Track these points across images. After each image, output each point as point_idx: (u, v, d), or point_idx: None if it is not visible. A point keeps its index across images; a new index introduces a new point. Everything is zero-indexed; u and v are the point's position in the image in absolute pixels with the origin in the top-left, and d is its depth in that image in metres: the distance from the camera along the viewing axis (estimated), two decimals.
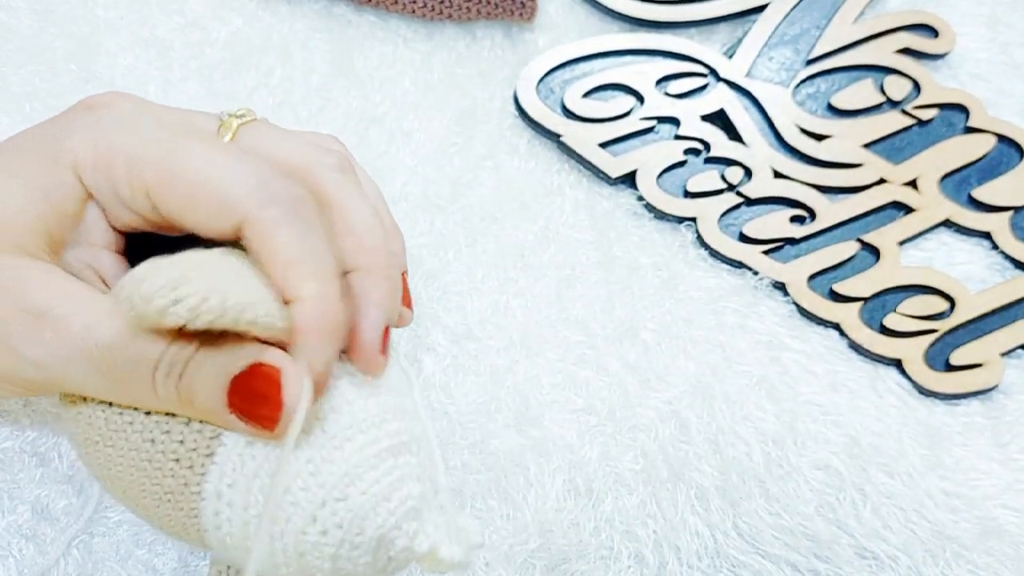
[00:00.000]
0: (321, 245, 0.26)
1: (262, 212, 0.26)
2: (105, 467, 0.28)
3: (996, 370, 0.41)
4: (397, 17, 0.48)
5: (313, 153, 0.29)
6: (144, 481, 0.27)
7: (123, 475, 0.27)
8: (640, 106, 0.47)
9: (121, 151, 0.27)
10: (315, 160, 0.29)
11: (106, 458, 0.27)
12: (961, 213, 0.45)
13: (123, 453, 0.27)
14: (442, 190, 0.44)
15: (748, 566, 0.37)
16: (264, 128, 0.31)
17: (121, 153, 0.27)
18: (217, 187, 0.26)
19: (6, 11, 0.46)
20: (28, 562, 0.34)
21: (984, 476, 0.39)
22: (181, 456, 0.26)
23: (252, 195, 0.26)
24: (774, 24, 0.49)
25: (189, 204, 0.26)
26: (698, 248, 0.44)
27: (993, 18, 0.51)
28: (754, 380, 0.41)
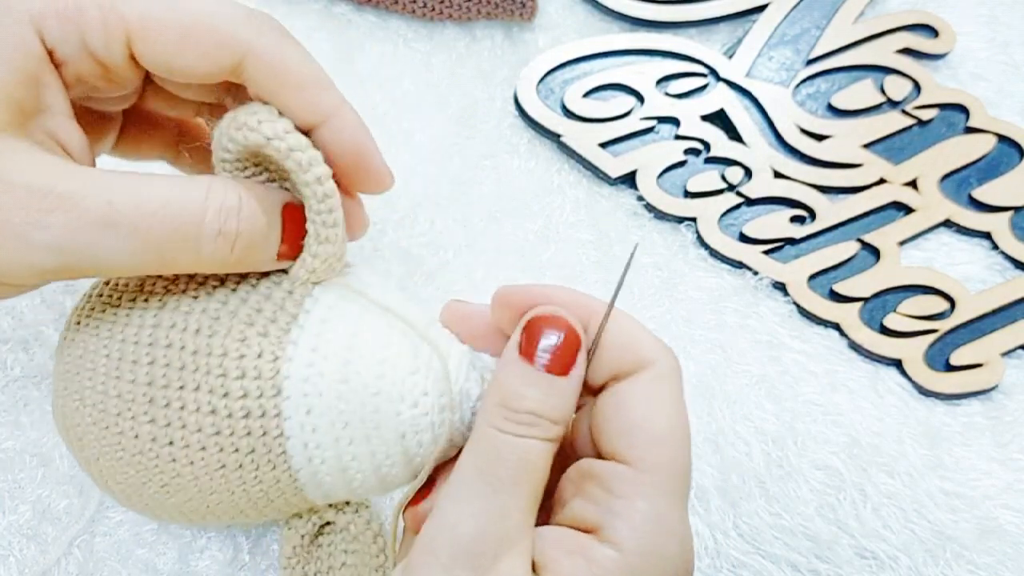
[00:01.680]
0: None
1: (262, 39, 0.26)
2: (166, 473, 0.27)
3: (996, 370, 0.41)
4: (397, 17, 0.48)
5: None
6: (216, 457, 0.27)
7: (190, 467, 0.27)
8: (640, 106, 0.47)
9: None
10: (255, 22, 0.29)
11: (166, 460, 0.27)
12: (961, 213, 0.45)
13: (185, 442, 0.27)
14: (442, 190, 0.44)
15: (748, 566, 0.37)
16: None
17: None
18: (212, 22, 0.25)
19: None
20: (29, 562, 0.34)
21: (984, 476, 0.39)
22: (251, 408, 0.26)
23: (248, 25, 0.26)
24: (774, 24, 0.49)
25: (179, 45, 0.25)
26: (698, 248, 0.44)
27: (993, 18, 0.51)
28: (754, 380, 0.41)
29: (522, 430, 0.25)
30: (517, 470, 0.25)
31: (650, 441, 0.25)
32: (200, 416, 0.26)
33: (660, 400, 0.26)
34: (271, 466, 0.27)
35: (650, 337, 0.26)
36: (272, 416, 0.26)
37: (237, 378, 0.26)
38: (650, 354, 0.26)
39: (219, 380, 0.26)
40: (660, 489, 0.25)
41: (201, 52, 0.26)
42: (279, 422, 0.26)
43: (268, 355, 0.26)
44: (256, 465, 0.27)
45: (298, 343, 0.27)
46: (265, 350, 0.26)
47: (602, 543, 0.24)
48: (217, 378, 0.26)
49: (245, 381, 0.26)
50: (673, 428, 0.25)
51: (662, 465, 0.25)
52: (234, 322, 0.27)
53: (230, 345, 0.26)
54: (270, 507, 0.29)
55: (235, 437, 0.26)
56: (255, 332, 0.27)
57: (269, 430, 0.26)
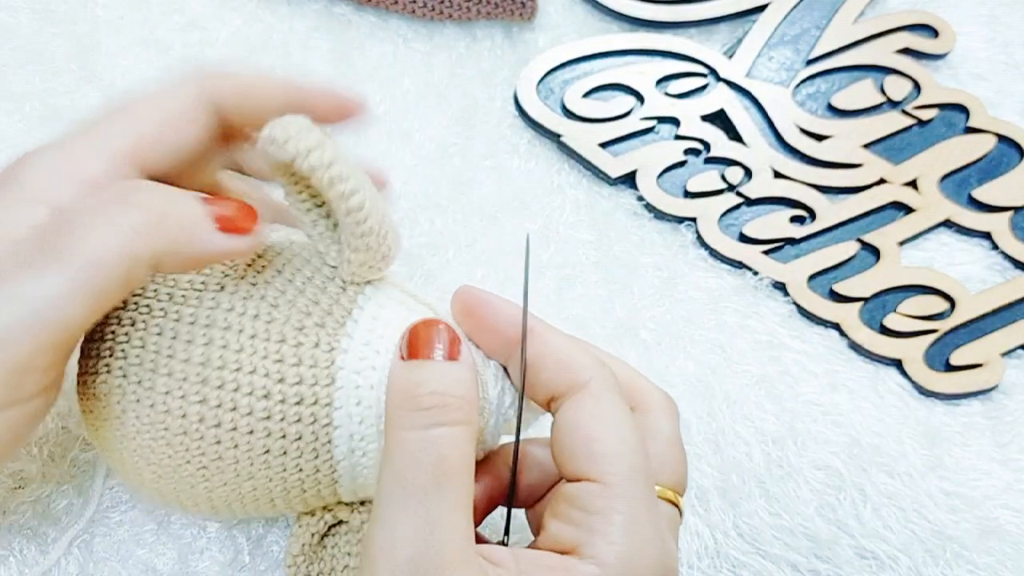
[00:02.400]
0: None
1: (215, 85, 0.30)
2: (207, 455, 0.27)
3: (996, 370, 0.41)
4: (397, 17, 0.48)
5: None
6: (264, 442, 0.27)
7: (233, 451, 0.27)
8: (640, 106, 0.47)
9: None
10: None
11: (210, 442, 0.27)
12: (961, 213, 0.45)
13: (234, 424, 0.26)
14: (442, 190, 0.44)
15: (748, 566, 0.37)
16: None
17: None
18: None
19: (6, 11, 0.46)
20: (29, 562, 0.34)
21: (984, 476, 0.39)
22: (304, 395, 0.27)
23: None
24: (774, 24, 0.49)
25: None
26: (698, 248, 0.44)
27: (993, 18, 0.51)
28: (754, 380, 0.41)
29: (430, 417, 0.25)
30: (436, 471, 0.24)
31: (608, 456, 0.25)
32: (253, 399, 0.26)
33: (603, 416, 0.26)
34: (314, 454, 0.27)
35: (581, 354, 0.27)
36: (324, 404, 0.27)
37: (294, 364, 0.27)
38: (584, 373, 0.27)
39: (276, 365, 0.27)
40: (631, 498, 0.25)
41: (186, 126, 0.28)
42: (329, 411, 0.27)
43: (325, 345, 0.27)
44: (300, 452, 0.27)
45: (353, 336, 0.27)
46: (322, 340, 0.27)
47: (582, 560, 0.24)
48: (274, 363, 0.27)
49: (301, 368, 0.27)
50: (624, 439, 0.26)
51: (626, 474, 0.25)
52: (292, 311, 0.27)
53: (288, 332, 0.27)
54: (299, 498, 0.29)
55: (285, 423, 0.27)
56: (313, 322, 0.27)
57: (319, 418, 0.27)
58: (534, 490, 0.30)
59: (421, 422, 0.25)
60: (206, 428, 0.27)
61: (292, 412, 0.27)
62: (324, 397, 0.27)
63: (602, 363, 0.27)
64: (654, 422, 0.29)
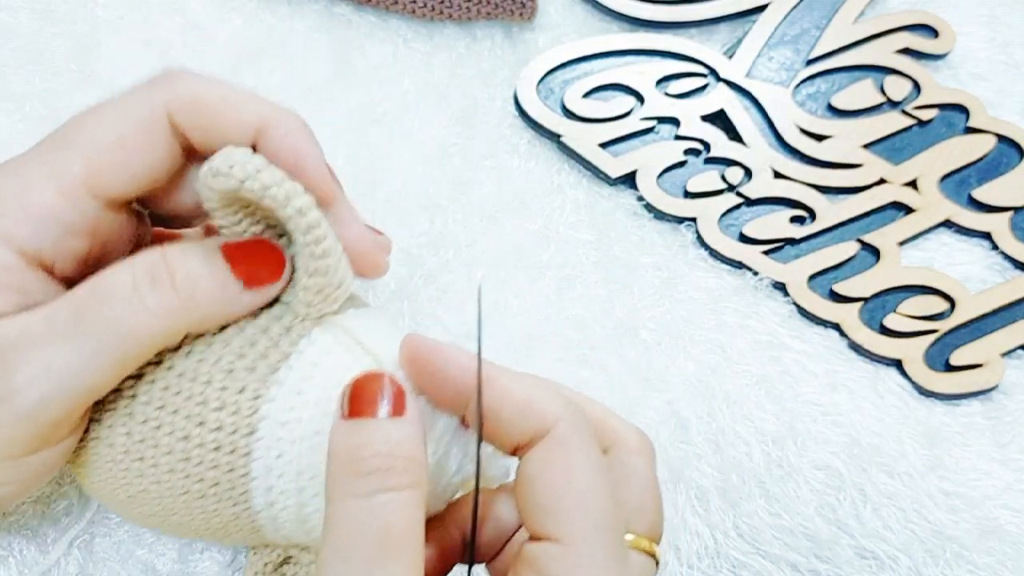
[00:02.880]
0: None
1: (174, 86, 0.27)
2: (131, 485, 0.27)
3: (996, 370, 0.41)
4: (397, 17, 0.48)
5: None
6: (182, 483, 0.26)
7: (156, 486, 0.27)
8: (640, 106, 0.47)
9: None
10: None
11: (131, 475, 0.27)
12: (961, 213, 0.45)
13: (155, 462, 0.26)
14: (442, 190, 0.44)
15: (748, 566, 0.37)
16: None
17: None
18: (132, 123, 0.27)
19: (6, 11, 0.46)
20: (29, 562, 0.34)
21: (984, 476, 0.39)
22: (222, 443, 0.26)
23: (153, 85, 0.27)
24: (774, 24, 0.49)
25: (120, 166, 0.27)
26: (698, 248, 0.44)
27: (993, 18, 0.51)
28: (754, 380, 0.41)
29: (373, 482, 0.23)
30: (381, 542, 0.22)
31: (569, 512, 0.23)
32: (173, 439, 0.26)
33: (566, 467, 0.24)
34: (232, 502, 0.27)
35: (544, 397, 0.25)
36: (242, 454, 0.26)
37: (215, 409, 0.26)
38: (547, 418, 0.24)
39: (198, 407, 0.26)
40: (594, 561, 0.23)
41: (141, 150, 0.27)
42: (247, 461, 0.26)
43: (250, 392, 0.26)
44: (218, 499, 0.27)
45: (284, 384, 0.26)
46: (248, 386, 0.26)
47: None
48: (196, 405, 0.26)
49: (222, 414, 0.26)
50: (589, 489, 0.24)
51: (589, 533, 0.23)
52: (225, 351, 0.26)
53: (216, 374, 0.26)
54: (229, 538, 0.28)
55: (202, 467, 0.26)
56: (243, 365, 0.26)
57: (236, 467, 0.26)
58: (493, 544, 0.28)
59: (364, 488, 0.23)
60: (130, 460, 0.27)
61: (209, 457, 0.26)
62: (243, 447, 0.26)
63: (568, 402, 0.25)
64: (628, 464, 0.27)
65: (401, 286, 0.42)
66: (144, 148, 0.27)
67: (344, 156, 0.44)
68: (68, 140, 0.27)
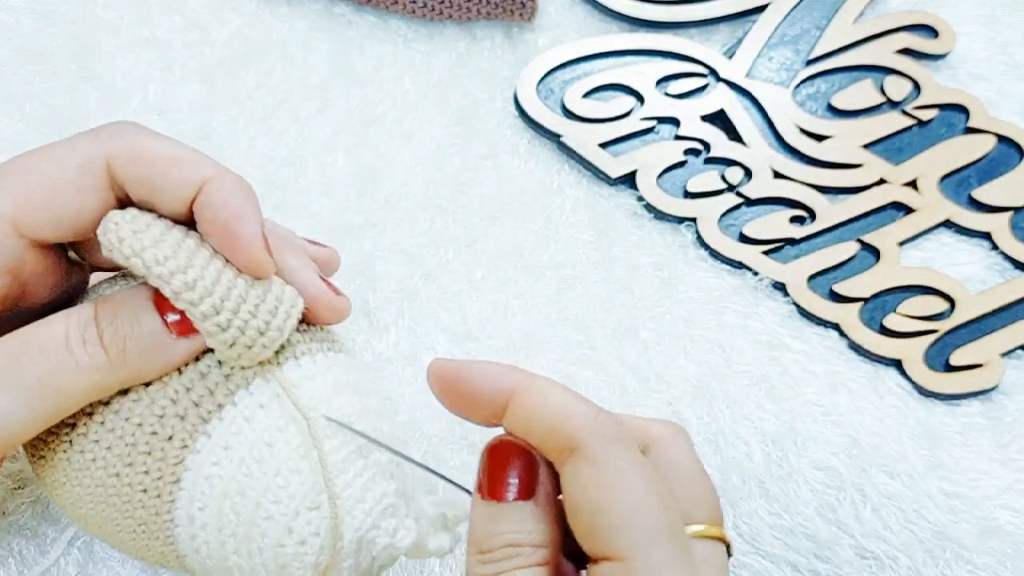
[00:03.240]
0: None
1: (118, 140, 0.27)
2: (76, 507, 0.27)
3: (996, 370, 0.41)
4: (397, 17, 0.48)
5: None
6: (115, 516, 0.27)
7: (95, 512, 0.27)
8: (640, 106, 0.47)
9: None
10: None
11: (76, 498, 0.27)
12: (961, 213, 0.45)
13: (90, 491, 0.27)
14: (442, 190, 0.44)
15: (748, 566, 0.37)
16: None
17: None
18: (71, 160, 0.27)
19: (6, 11, 0.46)
20: (29, 562, 0.34)
21: (984, 476, 0.39)
22: (148, 486, 0.26)
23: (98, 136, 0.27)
24: (774, 24, 0.49)
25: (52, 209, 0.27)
26: (698, 248, 0.44)
27: (993, 18, 0.51)
28: (754, 380, 0.41)
29: (502, 566, 0.24)
30: None
31: (618, 528, 0.23)
32: (105, 474, 0.26)
33: (604, 481, 0.23)
34: (159, 541, 0.27)
35: (571, 408, 0.24)
36: (166, 500, 0.26)
37: (143, 452, 0.26)
38: (576, 433, 0.24)
39: (128, 448, 0.26)
40: (657, 568, 0.23)
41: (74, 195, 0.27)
42: (171, 507, 0.26)
43: (178, 441, 0.26)
44: (147, 536, 0.27)
45: (212, 436, 0.26)
46: (176, 435, 0.26)
47: None
48: (127, 445, 0.26)
49: (149, 458, 0.26)
50: (634, 501, 0.23)
51: (644, 543, 0.23)
52: (159, 395, 0.26)
53: (148, 417, 0.26)
54: (168, 567, 0.29)
55: (130, 506, 0.26)
56: (174, 412, 0.26)
57: (161, 512, 0.26)
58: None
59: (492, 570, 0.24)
60: (72, 487, 0.27)
61: (137, 498, 0.26)
62: (167, 494, 0.26)
63: (599, 412, 0.24)
64: (670, 457, 0.26)
65: (401, 286, 0.42)
66: (76, 193, 0.27)
67: (344, 156, 0.44)
68: (1, 176, 0.27)
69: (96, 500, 0.27)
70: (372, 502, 0.26)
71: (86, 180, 0.27)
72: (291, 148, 0.44)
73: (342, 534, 0.25)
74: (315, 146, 0.44)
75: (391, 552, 0.26)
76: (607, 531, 0.23)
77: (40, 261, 0.28)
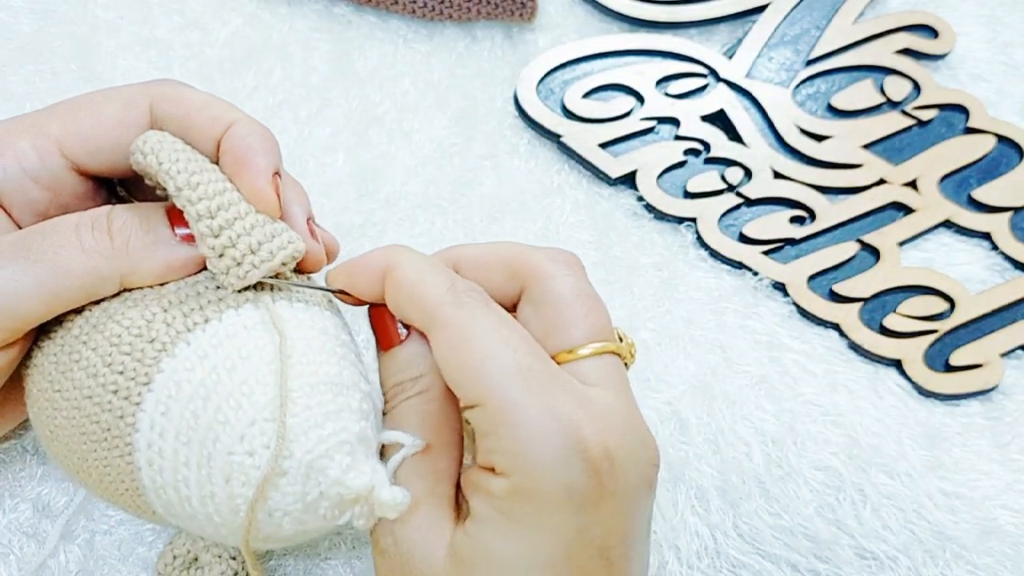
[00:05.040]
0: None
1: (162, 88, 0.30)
2: (51, 418, 0.28)
3: (996, 370, 0.41)
4: (397, 17, 0.48)
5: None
6: (84, 422, 0.27)
7: (66, 422, 0.27)
8: (640, 106, 0.47)
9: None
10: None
11: (53, 406, 0.28)
12: (961, 213, 0.45)
13: (68, 395, 0.27)
14: (442, 190, 0.44)
15: (748, 566, 0.37)
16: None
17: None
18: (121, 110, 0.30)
19: (6, 11, 0.46)
20: (29, 559, 0.34)
21: (984, 476, 0.39)
22: (120, 386, 0.27)
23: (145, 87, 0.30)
24: (774, 24, 0.49)
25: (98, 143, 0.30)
26: (698, 248, 0.44)
27: (993, 18, 0.51)
28: (754, 380, 0.41)
29: (393, 403, 0.29)
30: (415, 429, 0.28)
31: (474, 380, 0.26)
32: (84, 375, 0.27)
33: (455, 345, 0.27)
34: (118, 452, 0.27)
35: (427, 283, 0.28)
36: (133, 402, 0.26)
37: (124, 352, 0.27)
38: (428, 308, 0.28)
39: (111, 348, 0.27)
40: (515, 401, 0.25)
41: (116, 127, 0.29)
42: (136, 411, 0.26)
43: (158, 343, 0.27)
44: (108, 446, 0.27)
45: (191, 344, 0.27)
46: (159, 337, 0.27)
47: (496, 476, 0.26)
48: (111, 345, 0.27)
49: (128, 358, 0.27)
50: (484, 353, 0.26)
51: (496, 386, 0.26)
52: (151, 301, 0.28)
53: (136, 320, 0.27)
54: (120, 501, 0.28)
55: (99, 408, 0.27)
56: (162, 319, 0.27)
57: (125, 415, 0.27)
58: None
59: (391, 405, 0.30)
60: (52, 391, 0.28)
61: (107, 399, 0.27)
62: (135, 395, 0.26)
63: (451, 282, 0.28)
64: (544, 291, 0.29)
65: None
66: (118, 126, 0.29)
67: (344, 156, 0.44)
68: (58, 105, 0.30)
69: (70, 405, 0.27)
70: (330, 431, 0.26)
71: (129, 115, 0.29)
72: (291, 148, 0.44)
73: (292, 452, 0.26)
74: (315, 146, 0.45)
75: (339, 491, 0.26)
76: (465, 384, 0.26)
77: (79, 184, 0.30)
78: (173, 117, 0.29)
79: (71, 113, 0.30)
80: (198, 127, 0.29)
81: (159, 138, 0.28)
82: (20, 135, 0.29)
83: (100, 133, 0.29)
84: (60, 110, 0.30)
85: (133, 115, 0.29)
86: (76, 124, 0.29)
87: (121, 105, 0.29)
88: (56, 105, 0.30)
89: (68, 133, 0.29)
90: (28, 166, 0.29)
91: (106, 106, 0.30)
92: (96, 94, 0.30)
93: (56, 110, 0.30)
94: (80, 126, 0.29)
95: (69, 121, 0.29)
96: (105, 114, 0.29)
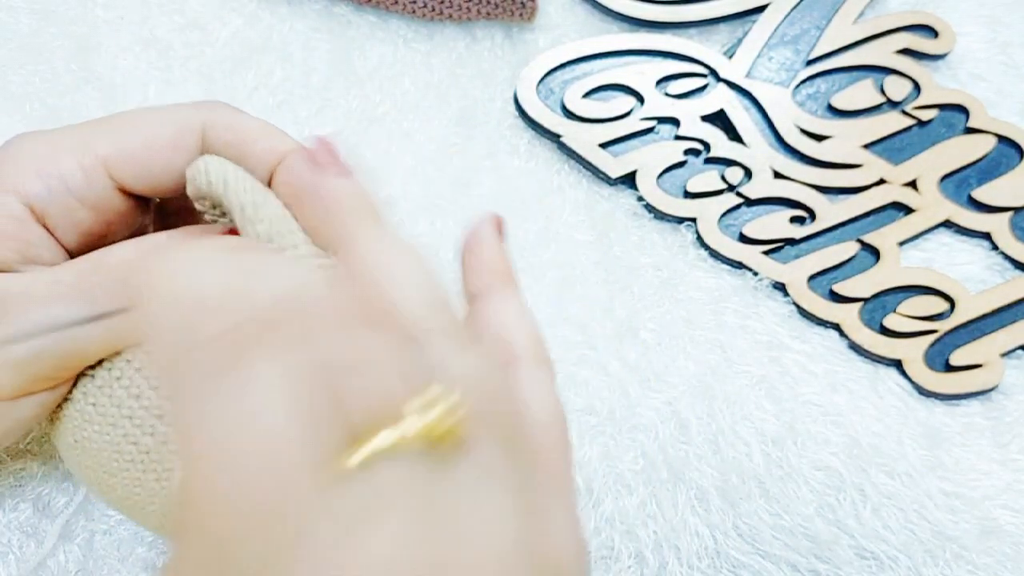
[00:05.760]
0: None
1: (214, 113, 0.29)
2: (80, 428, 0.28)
3: (996, 370, 0.41)
4: (397, 17, 0.48)
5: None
6: (120, 440, 0.27)
7: (97, 436, 0.28)
8: (640, 106, 0.47)
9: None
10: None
11: (83, 416, 0.28)
12: (961, 213, 0.45)
13: (104, 410, 0.27)
14: (442, 190, 0.44)
15: (748, 566, 0.37)
16: None
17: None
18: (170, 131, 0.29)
19: (6, 11, 0.46)
20: (29, 557, 0.34)
21: (984, 476, 0.39)
22: (167, 413, 0.27)
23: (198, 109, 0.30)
24: (774, 24, 0.49)
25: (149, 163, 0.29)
26: (698, 248, 0.44)
27: (993, 18, 0.51)
28: (754, 380, 0.41)
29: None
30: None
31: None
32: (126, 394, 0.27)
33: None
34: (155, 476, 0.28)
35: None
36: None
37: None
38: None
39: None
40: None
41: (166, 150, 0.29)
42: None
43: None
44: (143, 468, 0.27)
45: None
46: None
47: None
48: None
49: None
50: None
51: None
52: None
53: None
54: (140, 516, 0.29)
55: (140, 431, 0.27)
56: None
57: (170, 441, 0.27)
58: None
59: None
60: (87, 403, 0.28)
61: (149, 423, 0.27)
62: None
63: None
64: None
65: None
66: (168, 149, 0.29)
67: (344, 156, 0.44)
68: (104, 122, 0.29)
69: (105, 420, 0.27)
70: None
71: (181, 139, 0.29)
72: None
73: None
74: None
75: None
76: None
77: (124, 204, 0.30)
78: (228, 143, 0.29)
79: (119, 131, 0.29)
80: (254, 155, 0.29)
81: (219, 163, 0.28)
82: (66, 153, 0.28)
83: (150, 155, 0.29)
84: (107, 127, 0.29)
85: (186, 139, 0.29)
86: (125, 144, 0.29)
87: (174, 128, 0.29)
88: (102, 121, 0.29)
89: (116, 153, 0.29)
90: (74, 186, 0.28)
91: (158, 128, 0.29)
92: (146, 112, 0.30)
93: (103, 126, 0.29)
94: (129, 146, 0.29)
95: (118, 140, 0.29)
96: (156, 135, 0.29)
